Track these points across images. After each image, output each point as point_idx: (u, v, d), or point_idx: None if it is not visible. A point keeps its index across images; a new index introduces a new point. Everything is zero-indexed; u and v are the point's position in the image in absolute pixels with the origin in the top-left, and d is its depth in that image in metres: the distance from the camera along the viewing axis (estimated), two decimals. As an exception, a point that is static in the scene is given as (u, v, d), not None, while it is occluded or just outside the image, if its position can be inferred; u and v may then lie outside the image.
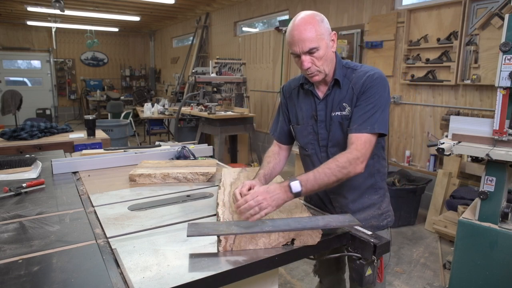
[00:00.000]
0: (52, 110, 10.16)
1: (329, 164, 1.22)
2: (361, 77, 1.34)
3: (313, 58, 1.29)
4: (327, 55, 1.31)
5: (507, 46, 1.87)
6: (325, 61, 1.31)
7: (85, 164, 1.95)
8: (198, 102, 5.13)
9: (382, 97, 1.31)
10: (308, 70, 1.32)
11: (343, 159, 1.22)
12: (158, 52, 12.27)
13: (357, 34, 4.69)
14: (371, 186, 1.47)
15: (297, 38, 1.27)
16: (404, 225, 3.70)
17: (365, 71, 1.36)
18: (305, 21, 1.27)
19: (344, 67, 1.40)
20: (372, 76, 1.32)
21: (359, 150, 1.24)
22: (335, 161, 1.23)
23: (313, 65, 1.30)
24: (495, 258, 2.00)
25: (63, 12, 6.31)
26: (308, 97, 1.46)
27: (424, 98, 4.09)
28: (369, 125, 1.28)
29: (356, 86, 1.34)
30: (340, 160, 1.22)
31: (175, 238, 1.11)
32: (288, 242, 1.08)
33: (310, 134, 1.46)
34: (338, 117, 1.37)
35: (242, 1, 7.09)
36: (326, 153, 1.43)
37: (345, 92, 1.37)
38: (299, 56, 1.30)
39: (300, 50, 1.28)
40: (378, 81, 1.32)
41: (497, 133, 1.94)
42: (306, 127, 1.47)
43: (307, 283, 2.67)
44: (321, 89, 1.43)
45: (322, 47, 1.28)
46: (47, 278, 0.87)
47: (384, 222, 1.50)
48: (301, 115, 1.48)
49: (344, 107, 1.36)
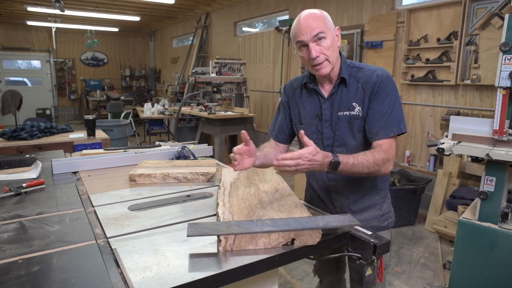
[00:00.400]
0: (52, 110, 10.16)
1: (367, 156, 1.24)
2: (370, 76, 1.34)
3: (321, 46, 1.28)
4: (333, 46, 1.30)
5: (507, 46, 1.87)
6: (332, 52, 1.30)
7: (85, 164, 1.95)
8: (198, 102, 5.13)
9: (396, 96, 1.33)
10: (317, 60, 1.29)
11: (380, 156, 1.24)
12: (158, 52, 12.27)
13: (357, 34, 4.69)
14: (373, 187, 1.46)
15: (304, 26, 1.27)
16: (404, 225, 3.70)
17: (373, 70, 1.36)
18: (311, 14, 1.28)
19: (349, 66, 1.40)
20: (382, 76, 1.32)
21: (390, 153, 1.28)
22: (372, 156, 1.24)
23: (321, 53, 1.28)
24: (495, 258, 2.00)
25: (63, 12, 6.31)
26: (312, 96, 1.45)
27: (424, 98, 4.09)
28: (395, 126, 1.30)
29: (366, 86, 1.33)
30: (377, 157, 1.24)
31: (175, 238, 1.10)
32: (288, 242, 1.08)
33: (314, 134, 1.45)
34: (347, 116, 1.36)
35: (242, 1, 7.09)
36: (331, 152, 1.43)
37: (353, 92, 1.36)
38: (306, 45, 1.28)
39: (308, 36, 1.26)
40: (389, 81, 1.33)
41: (497, 133, 1.94)
42: (310, 126, 1.45)
43: (307, 283, 2.67)
44: (325, 87, 1.42)
45: (330, 36, 1.28)
46: (47, 278, 0.87)
47: (385, 223, 1.50)
48: (304, 114, 1.47)
49: (354, 106, 1.35)
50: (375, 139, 1.32)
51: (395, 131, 1.30)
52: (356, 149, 1.39)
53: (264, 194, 1.38)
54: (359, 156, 1.23)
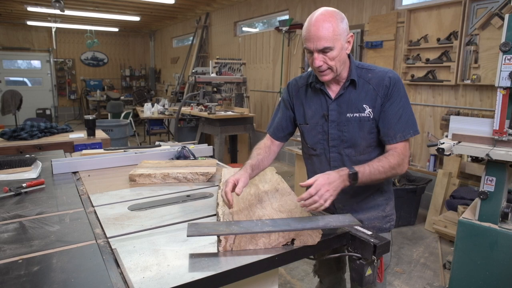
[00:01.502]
0: (52, 110, 10.17)
1: (382, 162, 1.27)
2: (382, 78, 1.34)
3: (325, 57, 1.27)
4: (340, 56, 1.29)
5: (507, 46, 1.87)
6: (338, 62, 1.29)
7: (85, 164, 1.95)
8: (198, 102, 5.13)
9: (407, 97, 1.36)
10: (319, 68, 1.29)
11: (395, 160, 1.28)
12: (158, 52, 12.27)
13: (357, 34, 4.69)
14: (378, 189, 1.47)
15: (313, 34, 1.24)
16: (404, 225, 3.70)
17: (384, 71, 1.36)
18: (324, 17, 1.24)
19: (358, 67, 1.39)
20: (395, 79, 1.34)
21: (405, 154, 1.32)
22: (387, 160, 1.28)
23: (324, 63, 1.28)
24: (495, 258, 2.00)
25: (63, 12, 6.32)
26: (318, 96, 1.43)
27: (424, 98, 4.09)
28: (411, 128, 1.34)
29: (379, 88, 1.33)
30: (392, 161, 1.28)
31: (175, 238, 1.11)
32: (288, 242, 1.08)
33: (319, 134, 1.44)
34: (356, 118, 1.36)
35: (242, 1, 7.09)
36: (337, 153, 1.42)
37: (363, 93, 1.35)
38: (311, 52, 1.28)
39: (314, 47, 1.26)
40: (401, 83, 1.35)
41: (497, 133, 1.94)
42: (316, 126, 1.44)
43: (307, 283, 2.67)
44: (332, 88, 1.40)
45: (337, 48, 1.26)
46: (47, 278, 0.87)
47: (387, 225, 1.50)
48: (310, 114, 1.45)
49: (364, 108, 1.35)
50: (391, 142, 1.34)
51: (411, 133, 1.33)
52: (365, 150, 1.39)
53: (264, 194, 1.38)
54: (373, 163, 1.26)
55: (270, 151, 1.52)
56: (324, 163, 1.46)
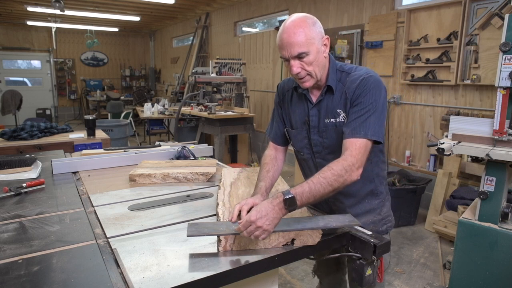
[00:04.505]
0: (52, 110, 10.17)
1: (324, 173, 1.14)
2: (355, 81, 1.28)
3: (302, 63, 1.24)
4: (318, 60, 1.25)
5: (507, 46, 1.87)
6: (316, 67, 1.26)
7: (85, 164, 1.95)
8: (198, 102, 5.13)
9: (377, 101, 1.25)
10: (298, 75, 1.26)
11: (338, 167, 1.15)
12: (158, 52, 12.27)
13: (357, 34, 4.69)
14: (371, 191, 1.43)
15: (285, 42, 1.22)
16: (404, 225, 3.70)
17: (359, 74, 1.30)
18: (295, 24, 1.21)
19: (338, 71, 1.35)
20: (367, 80, 1.26)
21: (354, 156, 1.18)
22: (330, 169, 1.15)
23: (302, 69, 1.25)
24: (495, 258, 2.00)
25: (63, 12, 6.31)
26: (301, 101, 1.41)
27: (424, 98, 4.09)
28: (363, 130, 1.22)
29: (349, 91, 1.29)
30: (335, 168, 1.15)
31: (175, 238, 1.11)
32: (288, 242, 1.08)
33: (304, 139, 1.43)
34: (333, 124, 1.33)
35: (242, 1, 7.09)
36: (322, 159, 1.39)
37: (338, 98, 1.32)
38: (288, 60, 1.25)
39: (289, 54, 1.23)
40: (374, 85, 1.26)
41: (497, 133, 1.94)
42: (301, 131, 1.43)
43: (307, 283, 2.67)
44: (314, 93, 1.38)
45: (312, 52, 1.23)
46: (47, 278, 0.87)
47: (383, 228, 1.46)
48: (294, 120, 1.44)
49: (339, 113, 1.31)
50: (344, 137, 1.25)
51: (362, 134, 1.21)
52: None
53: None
54: (314, 178, 1.14)
55: (277, 162, 1.48)
56: (312, 167, 1.45)
